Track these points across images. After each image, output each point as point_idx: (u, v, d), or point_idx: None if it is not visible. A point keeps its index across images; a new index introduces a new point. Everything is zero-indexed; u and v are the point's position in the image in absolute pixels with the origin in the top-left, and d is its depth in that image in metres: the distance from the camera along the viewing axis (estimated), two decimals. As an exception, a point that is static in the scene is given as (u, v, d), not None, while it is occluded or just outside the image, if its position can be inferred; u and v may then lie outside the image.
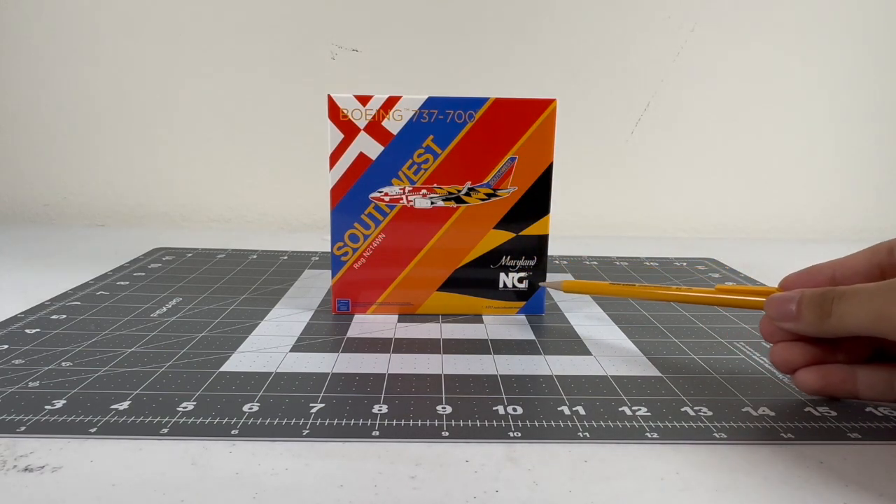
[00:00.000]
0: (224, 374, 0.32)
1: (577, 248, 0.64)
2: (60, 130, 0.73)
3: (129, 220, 0.75)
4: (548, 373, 0.33)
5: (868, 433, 0.27)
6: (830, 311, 0.27)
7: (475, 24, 0.71)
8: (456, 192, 0.40)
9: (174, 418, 0.27)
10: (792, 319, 0.28)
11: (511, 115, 0.39)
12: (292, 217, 0.75)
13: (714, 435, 0.27)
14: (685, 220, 0.76)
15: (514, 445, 0.26)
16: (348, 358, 0.35)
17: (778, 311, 0.29)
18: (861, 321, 0.26)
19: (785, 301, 0.29)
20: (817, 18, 0.72)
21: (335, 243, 0.41)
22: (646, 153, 0.75)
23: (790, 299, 0.28)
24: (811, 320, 0.27)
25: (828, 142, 0.76)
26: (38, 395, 0.29)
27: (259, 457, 0.25)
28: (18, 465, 0.24)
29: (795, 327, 0.28)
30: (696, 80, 0.73)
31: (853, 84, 0.74)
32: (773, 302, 0.29)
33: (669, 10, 0.71)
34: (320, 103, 0.45)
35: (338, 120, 0.39)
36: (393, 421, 0.27)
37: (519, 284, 0.42)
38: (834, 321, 0.26)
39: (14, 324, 0.38)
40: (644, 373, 0.33)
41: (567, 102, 0.69)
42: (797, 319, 0.28)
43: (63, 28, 0.70)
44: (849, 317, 0.26)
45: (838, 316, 0.26)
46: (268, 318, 0.41)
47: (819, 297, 0.27)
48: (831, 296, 0.27)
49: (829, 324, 0.27)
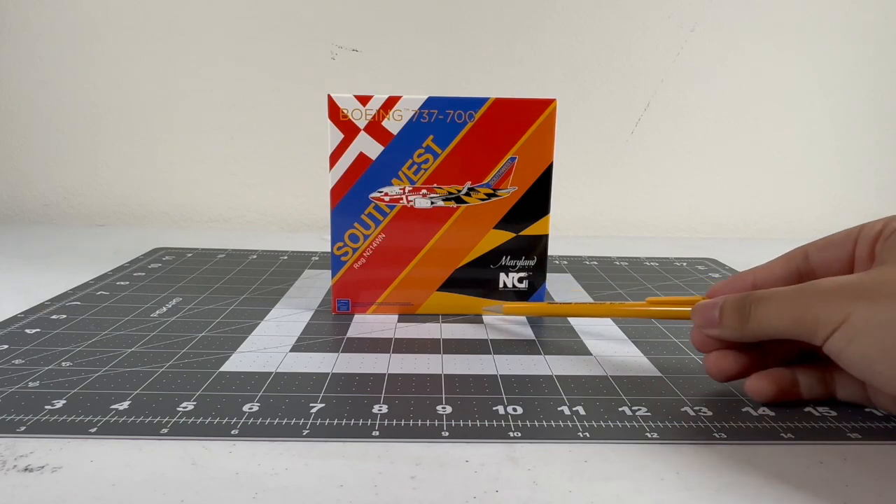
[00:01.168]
0: (224, 374, 0.32)
1: (577, 248, 0.64)
2: (60, 130, 0.73)
3: (129, 220, 0.75)
4: (548, 373, 0.33)
5: (868, 433, 0.27)
6: (749, 316, 0.27)
7: (475, 24, 0.71)
8: (456, 192, 0.40)
9: (174, 418, 0.27)
10: (716, 325, 0.29)
11: (511, 115, 0.39)
12: (292, 217, 0.75)
13: (714, 435, 0.27)
14: (685, 220, 0.76)
15: (514, 445, 0.26)
16: (348, 358, 0.35)
17: (703, 318, 0.30)
18: (778, 324, 0.26)
19: (709, 308, 0.30)
20: (817, 18, 0.72)
21: (335, 243, 0.41)
22: (646, 153, 0.75)
23: (713, 306, 0.29)
24: (732, 325, 0.28)
25: (828, 141, 0.76)
26: (38, 395, 0.29)
27: (259, 457, 0.25)
28: (18, 465, 0.24)
29: (720, 333, 0.29)
30: (696, 80, 0.73)
31: (853, 84, 0.74)
32: (698, 310, 0.30)
33: (669, 10, 0.71)
34: (320, 103, 0.45)
35: (338, 120, 0.39)
36: (393, 421, 0.27)
37: (519, 284, 0.42)
38: (753, 325, 0.27)
39: (14, 324, 0.38)
40: (644, 373, 0.33)
41: (567, 102, 0.70)
42: (720, 325, 0.29)
43: (63, 28, 0.70)
44: (766, 320, 0.27)
45: (756, 320, 0.27)
46: (268, 318, 0.41)
47: (739, 302, 0.28)
48: (749, 300, 0.28)
49: (748, 328, 0.27)
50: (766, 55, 0.73)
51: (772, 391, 0.29)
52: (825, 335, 0.24)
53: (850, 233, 0.29)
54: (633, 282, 0.51)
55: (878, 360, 0.23)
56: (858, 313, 0.24)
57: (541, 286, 0.42)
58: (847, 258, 0.29)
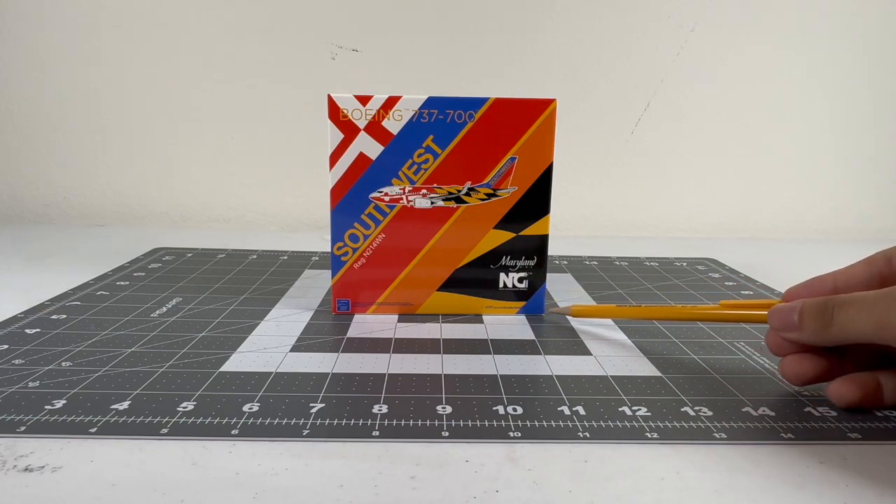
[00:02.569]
0: (224, 374, 0.32)
1: (577, 248, 0.64)
2: (60, 130, 0.73)
3: (129, 220, 0.75)
4: (548, 373, 0.33)
5: (868, 433, 0.27)
6: (832, 320, 0.27)
7: (475, 24, 0.71)
8: (456, 192, 0.40)
9: (174, 418, 0.27)
10: (795, 329, 0.29)
11: (511, 115, 0.39)
12: (292, 217, 0.75)
13: (714, 435, 0.27)
14: (685, 220, 0.76)
15: (514, 445, 0.26)
16: (348, 358, 0.35)
17: (781, 321, 0.29)
18: (862, 328, 0.26)
19: (787, 311, 0.29)
20: (818, 18, 0.72)
21: (335, 243, 0.41)
22: (646, 153, 0.75)
23: (792, 309, 0.29)
24: (813, 329, 0.28)
25: (828, 141, 0.76)
26: (38, 395, 0.29)
27: (259, 457, 0.25)
28: (18, 465, 0.24)
29: (799, 337, 0.29)
30: (696, 80, 0.73)
31: (853, 83, 0.74)
32: (776, 313, 0.30)
33: (670, 10, 0.71)
34: (320, 103, 0.45)
35: (338, 120, 0.39)
36: (393, 421, 0.27)
37: (519, 284, 0.42)
38: (836, 329, 0.27)
39: (14, 324, 0.38)
40: (644, 373, 0.33)
41: (567, 102, 0.70)
42: (800, 329, 0.28)
43: (63, 28, 0.70)
44: (850, 324, 0.26)
45: (840, 324, 0.27)
46: (268, 318, 0.41)
47: (820, 305, 0.28)
48: (832, 304, 0.27)
49: (830, 332, 0.27)
50: (766, 55, 0.73)
51: (856, 396, 0.28)
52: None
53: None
54: (634, 282, 0.51)
55: None
56: None
57: (541, 286, 0.42)
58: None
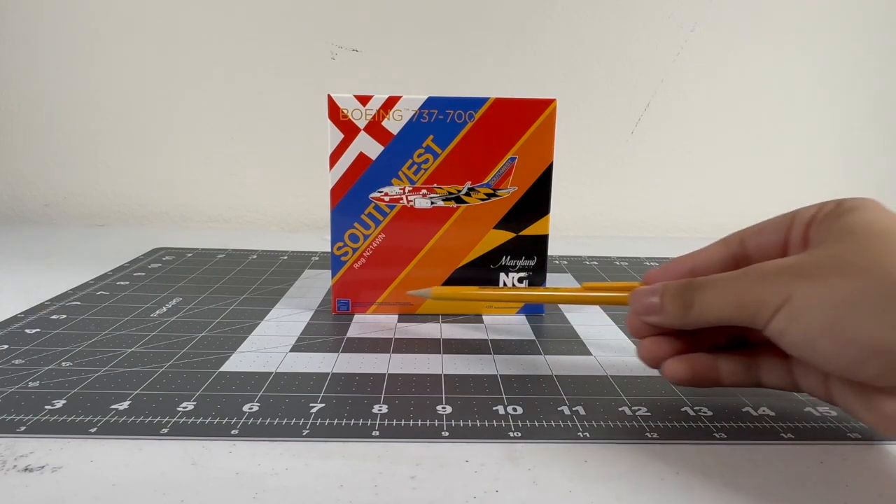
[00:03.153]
0: (224, 374, 0.32)
1: (577, 248, 0.64)
2: (61, 130, 0.73)
3: (129, 220, 0.75)
4: (548, 373, 0.33)
5: (868, 433, 0.27)
6: (693, 303, 0.27)
7: (475, 24, 0.71)
8: (456, 192, 0.40)
9: (174, 418, 0.27)
10: (656, 312, 0.28)
11: (511, 115, 0.39)
12: (292, 217, 0.75)
13: (714, 435, 0.27)
14: (685, 220, 0.76)
15: (514, 445, 0.26)
16: (348, 358, 0.35)
17: (642, 305, 0.29)
18: (721, 310, 0.26)
19: (648, 294, 0.29)
20: (817, 18, 0.72)
21: (335, 243, 0.41)
22: (646, 153, 0.75)
23: (653, 292, 0.29)
24: (674, 312, 0.28)
25: (829, 141, 0.76)
26: (38, 395, 0.29)
27: (259, 457, 0.25)
28: (18, 465, 0.24)
29: (660, 320, 0.28)
30: (696, 80, 0.73)
31: (854, 83, 0.74)
32: (637, 296, 0.29)
33: (669, 10, 0.71)
34: (320, 103, 0.45)
35: (338, 120, 0.39)
36: (393, 421, 0.27)
37: (519, 284, 0.42)
38: (696, 312, 0.27)
39: (14, 324, 0.38)
40: (644, 373, 0.33)
41: (567, 102, 0.70)
42: (661, 312, 0.28)
43: (63, 28, 0.70)
44: (709, 307, 0.26)
45: (699, 306, 0.27)
46: (268, 318, 0.41)
47: (681, 288, 0.28)
48: (692, 287, 0.27)
49: (691, 315, 0.27)
50: (766, 55, 0.73)
51: (687, 374, 0.29)
52: (767, 317, 0.24)
53: (784, 218, 0.29)
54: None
55: (819, 336, 0.23)
56: (800, 293, 0.24)
57: (541, 286, 0.42)
58: (781, 242, 0.29)
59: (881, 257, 0.23)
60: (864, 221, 0.25)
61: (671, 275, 0.31)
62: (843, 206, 0.26)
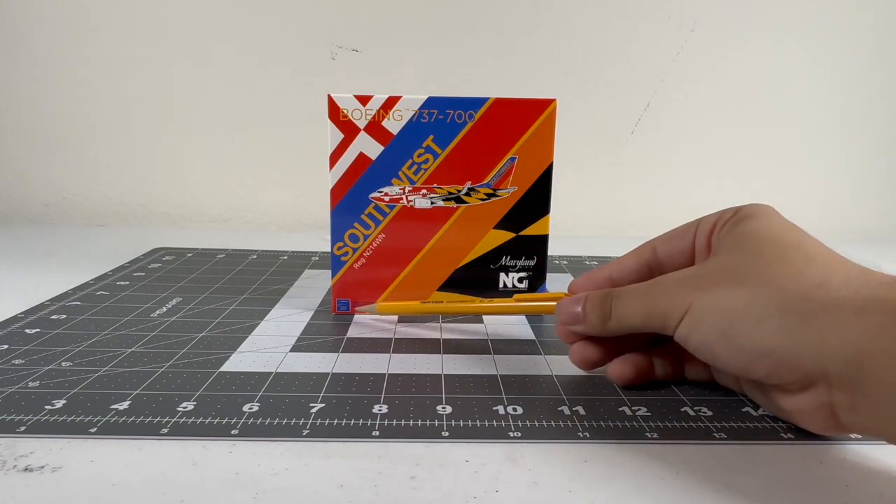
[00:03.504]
0: (224, 374, 0.32)
1: (577, 248, 0.64)
2: (60, 130, 0.73)
3: (129, 220, 0.75)
4: (548, 373, 0.33)
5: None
6: (610, 313, 0.29)
7: (475, 24, 0.71)
8: (456, 192, 0.40)
9: (174, 418, 0.27)
10: (580, 322, 0.30)
11: (511, 115, 0.39)
12: (292, 217, 0.75)
13: (714, 435, 0.27)
14: (685, 220, 0.76)
15: (514, 445, 0.26)
16: (348, 358, 0.35)
17: (567, 315, 0.31)
18: (634, 319, 0.28)
19: (572, 304, 0.31)
20: (818, 18, 0.72)
21: (335, 243, 0.41)
22: (646, 153, 0.75)
23: (577, 302, 0.31)
24: (595, 322, 0.30)
25: (829, 141, 0.76)
26: (38, 395, 0.29)
27: (259, 457, 0.25)
28: (18, 465, 0.24)
29: (583, 329, 0.31)
30: (696, 80, 0.73)
31: (854, 83, 0.74)
32: (562, 307, 0.32)
33: (669, 10, 0.71)
34: (320, 103, 0.45)
35: (338, 120, 0.39)
36: (393, 421, 0.27)
37: (519, 284, 0.42)
38: (613, 322, 0.29)
39: (14, 324, 0.38)
40: (644, 373, 0.33)
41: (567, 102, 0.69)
42: (584, 322, 0.30)
43: (63, 28, 0.70)
44: (624, 317, 0.29)
45: (616, 316, 0.29)
46: (268, 318, 0.41)
47: (600, 299, 0.30)
48: (610, 298, 0.29)
49: (609, 324, 0.29)
50: (766, 55, 0.73)
51: (631, 374, 0.31)
52: (673, 325, 0.27)
53: (689, 226, 0.31)
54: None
55: (715, 343, 0.25)
56: (697, 303, 0.26)
57: (541, 286, 0.42)
58: (688, 250, 0.31)
59: (766, 267, 0.25)
60: (755, 230, 0.27)
61: (592, 284, 0.33)
62: (739, 215, 0.29)
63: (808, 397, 0.24)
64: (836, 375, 0.22)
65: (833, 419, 0.24)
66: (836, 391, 0.23)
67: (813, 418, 0.24)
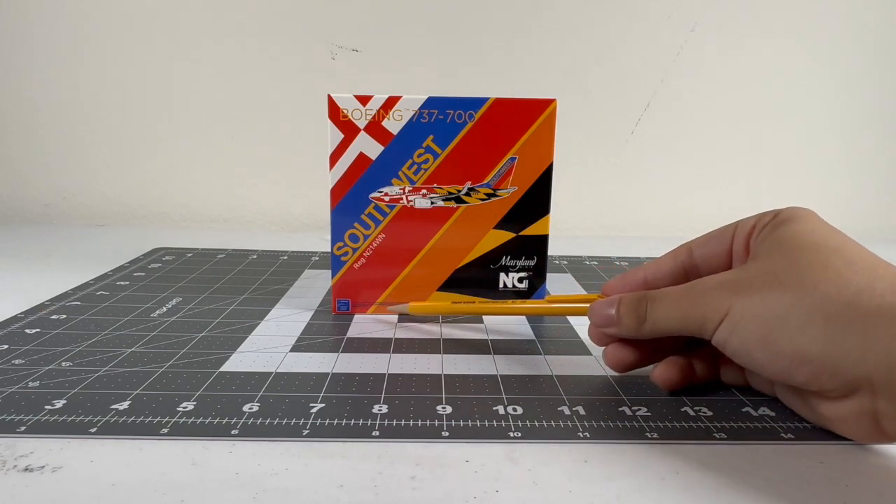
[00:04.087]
0: (224, 374, 0.32)
1: (577, 248, 0.64)
2: (60, 130, 0.73)
3: (129, 220, 0.75)
4: (548, 373, 0.33)
5: (868, 433, 0.27)
6: (645, 316, 0.29)
7: (475, 24, 0.71)
8: (456, 192, 0.40)
9: (174, 418, 0.27)
10: (613, 325, 0.30)
11: (511, 115, 0.39)
12: (292, 217, 0.75)
13: (714, 435, 0.27)
14: (685, 220, 0.76)
15: (514, 445, 0.26)
16: (348, 358, 0.35)
17: (600, 317, 0.31)
18: (671, 323, 0.28)
19: (606, 306, 0.31)
20: (818, 18, 0.72)
21: (335, 243, 0.41)
22: (646, 153, 0.75)
23: (610, 304, 0.30)
24: (630, 325, 0.29)
25: (830, 142, 0.76)
26: (38, 395, 0.29)
27: (259, 457, 0.25)
28: (18, 465, 0.24)
29: (618, 332, 0.30)
30: (696, 80, 0.73)
31: (855, 83, 0.74)
32: (595, 309, 0.31)
33: (669, 10, 0.71)
34: (320, 103, 0.45)
35: (338, 120, 0.39)
36: (393, 421, 0.27)
37: (519, 284, 0.42)
38: (649, 325, 0.29)
39: (14, 324, 0.38)
40: (644, 373, 0.33)
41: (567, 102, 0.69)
42: (618, 324, 0.30)
43: (63, 28, 0.70)
44: (660, 320, 0.28)
45: (652, 320, 0.28)
46: (268, 318, 0.41)
47: (635, 302, 0.29)
48: (645, 300, 0.29)
49: (644, 328, 0.29)
50: (766, 55, 0.73)
51: (677, 377, 0.30)
52: (711, 329, 0.26)
53: (727, 229, 0.31)
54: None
55: (755, 348, 0.25)
56: (736, 307, 0.26)
57: (541, 286, 0.42)
58: (725, 253, 0.31)
59: (807, 272, 0.25)
60: (795, 234, 0.27)
61: (627, 286, 0.33)
62: (779, 218, 0.28)
63: (849, 404, 0.24)
64: (881, 383, 0.22)
65: (876, 427, 0.23)
66: (881, 399, 0.23)
67: (854, 426, 0.24)
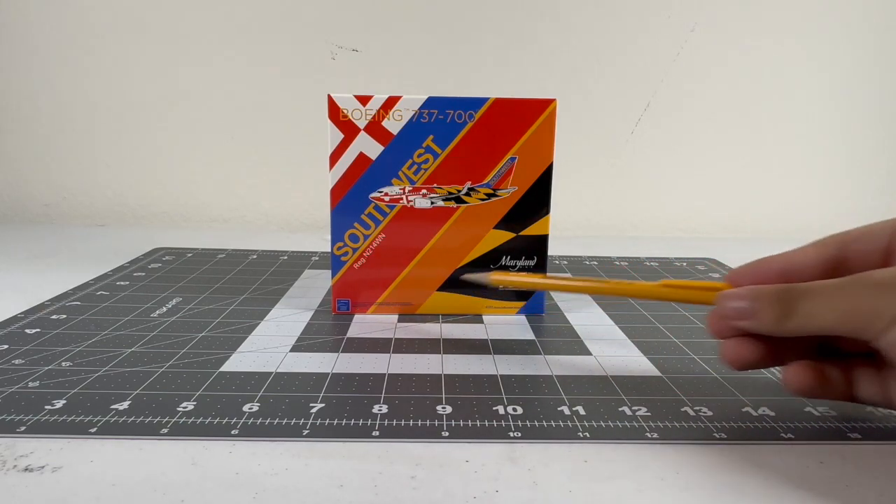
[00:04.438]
0: (224, 374, 0.32)
1: (577, 248, 0.64)
2: (60, 130, 0.73)
3: (129, 220, 0.75)
4: (548, 373, 0.33)
5: (868, 433, 0.27)
6: (794, 310, 0.25)
7: (475, 24, 0.71)
8: (456, 192, 0.40)
9: (174, 418, 0.27)
10: (748, 317, 0.27)
11: (511, 115, 0.39)
12: (292, 217, 0.75)
13: (714, 435, 0.27)
14: (685, 220, 0.76)
15: (514, 445, 0.26)
16: (348, 358, 0.35)
17: (732, 309, 0.27)
18: (826, 319, 0.24)
19: (738, 298, 0.27)
20: (818, 18, 0.72)
21: (335, 243, 0.41)
22: (646, 153, 0.75)
23: (744, 296, 0.27)
24: (770, 319, 0.26)
25: (829, 141, 0.76)
26: (38, 395, 0.29)
27: (259, 457, 0.25)
28: (18, 465, 0.24)
29: (751, 326, 0.27)
30: (696, 80, 0.73)
31: (855, 83, 0.74)
32: (727, 299, 0.28)
33: (669, 10, 0.71)
34: (320, 103, 0.45)
35: (338, 120, 0.39)
36: (393, 421, 0.27)
37: (519, 284, 0.42)
38: (797, 320, 0.25)
39: (14, 324, 0.38)
40: (644, 373, 0.33)
41: (567, 102, 0.69)
42: (754, 317, 0.26)
43: (63, 28, 0.70)
44: (813, 316, 0.25)
45: (803, 315, 0.25)
46: (268, 318, 0.41)
47: (779, 293, 0.26)
48: (794, 293, 0.25)
49: (790, 323, 0.25)
50: (766, 55, 0.73)
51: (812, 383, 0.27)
52: (881, 328, 0.23)
53: (886, 224, 0.27)
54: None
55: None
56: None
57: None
58: (883, 250, 0.27)
59: None
60: None
61: (760, 277, 0.29)
62: None
63: None
64: None
65: None
66: None
67: None
